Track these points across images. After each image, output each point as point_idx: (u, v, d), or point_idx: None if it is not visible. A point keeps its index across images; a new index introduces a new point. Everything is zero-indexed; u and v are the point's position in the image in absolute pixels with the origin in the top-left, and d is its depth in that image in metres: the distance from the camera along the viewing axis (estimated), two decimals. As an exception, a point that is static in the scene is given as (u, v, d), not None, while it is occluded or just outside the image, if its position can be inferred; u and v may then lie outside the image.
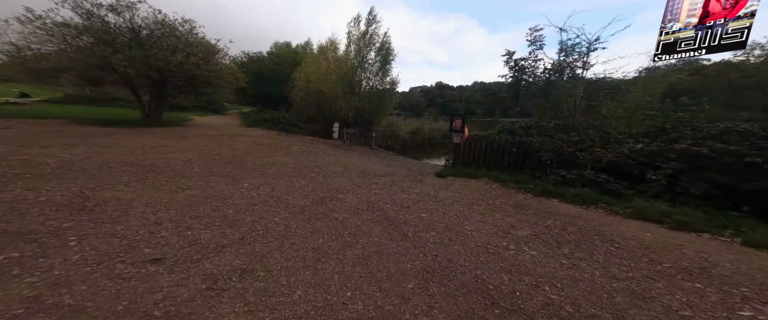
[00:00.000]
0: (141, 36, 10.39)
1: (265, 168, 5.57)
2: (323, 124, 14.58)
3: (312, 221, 3.03)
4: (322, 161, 7.20)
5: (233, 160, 6.07)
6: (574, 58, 5.26)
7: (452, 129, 6.00)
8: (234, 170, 5.23)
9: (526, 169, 5.02)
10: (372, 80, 14.68)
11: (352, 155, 9.75)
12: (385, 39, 14.57)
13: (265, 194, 3.94)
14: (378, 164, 7.99)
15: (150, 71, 9.39)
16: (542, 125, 5.11)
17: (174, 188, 3.80)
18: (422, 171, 7.74)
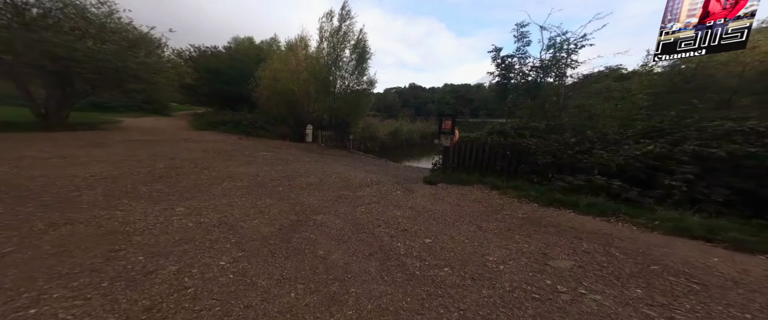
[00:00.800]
0: (27, 15, 8.23)
1: (215, 184, 4.44)
2: (294, 126, 13.38)
3: (279, 262, 2.20)
4: (293, 170, 6.25)
5: (167, 174, 4.77)
6: (563, 56, 5.12)
7: (441, 131, 5.51)
8: (166, 188, 3.99)
9: (520, 174, 4.68)
10: (347, 79, 13.88)
11: (328, 160, 8.87)
12: (360, 36, 13.84)
13: (211, 222, 2.93)
14: (359, 171, 7.26)
15: (42, 59, 7.42)
16: (534, 126, 4.86)
17: (43, 225, 2.53)
18: (408, 177, 7.17)
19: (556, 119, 4.99)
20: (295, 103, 13.27)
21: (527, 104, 5.62)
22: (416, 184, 5.63)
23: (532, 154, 4.36)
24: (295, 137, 12.98)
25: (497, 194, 4.22)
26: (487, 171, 5.28)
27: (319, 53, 13.78)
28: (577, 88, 5.73)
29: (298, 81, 12.86)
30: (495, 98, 6.75)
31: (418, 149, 16.20)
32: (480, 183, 4.97)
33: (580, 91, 5.40)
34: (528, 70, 5.71)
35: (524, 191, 3.98)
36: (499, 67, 6.26)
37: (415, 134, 16.82)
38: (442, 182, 5.45)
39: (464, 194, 4.44)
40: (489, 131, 5.55)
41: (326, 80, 13.01)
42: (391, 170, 8.28)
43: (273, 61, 13.86)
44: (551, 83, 5.48)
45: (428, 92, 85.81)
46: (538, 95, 5.43)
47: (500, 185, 4.46)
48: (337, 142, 13.00)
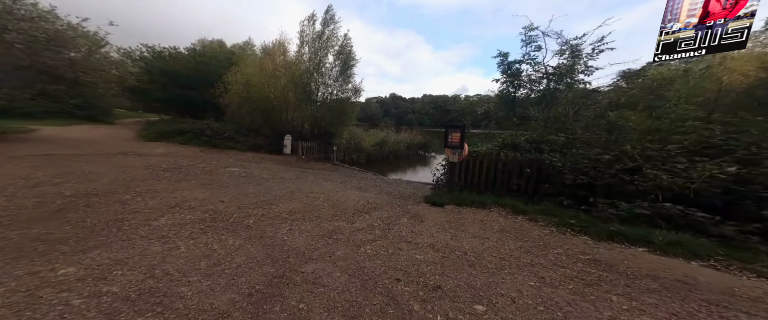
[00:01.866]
0: None
1: (150, 219, 3.17)
2: (271, 137, 12.05)
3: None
4: (269, 191, 5.11)
5: (71, 207, 3.32)
6: (579, 62, 4.75)
7: (448, 144, 4.80)
8: (58, 232, 2.67)
9: (542, 194, 4.06)
10: (331, 86, 12.91)
11: (312, 176, 7.77)
12: (345, 42, 13.05)
13: (122, 293, 1.82)
14: (349, 189, 6.29)
15: None
16: (552, 140, 4.34)
17: None
18: (406, 195, 6.35)
19: (572, 131, 4.51)
20: (271, 111, 12.01)
21: (539, 114, 5.15)
22: (419, 205, 4.81)
23: (558, 172, 3.77)
24: (271, 149, 11.63)
25: (526, 221, 3.52)
26: (502, 191, 4.62)
27: (300, 58, 12.77)
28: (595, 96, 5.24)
29: (276, 87, 11.69)
30: (502, 108, 6.26)
31: (405, 161, 15.53)
32: (497, 205, 4.28)
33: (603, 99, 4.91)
34: (538, 77, 5.30)
35: (558, 218, 3.33)
36: (505, 75, 5.82)
37: (401, 144, 16.17)
38: (450, 204, 4.69)
39: (484, 221, 3.68)
40: (500, 144, 4.94)
41: (307, 86, 11.97)
42: (384, 187, 7.40)
43: (246, 65, 12.51)
44: (567, 90, 5.01)
45: (408, 103, 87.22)
46: (553, 105, 4.99)
47: (523, 209, 3.78)
48: (320, 153, 11.89)
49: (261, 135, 11.99)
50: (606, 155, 3.51)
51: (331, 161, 11.47)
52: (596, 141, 3.89)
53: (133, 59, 16.58)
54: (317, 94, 12.50)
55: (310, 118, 12.32)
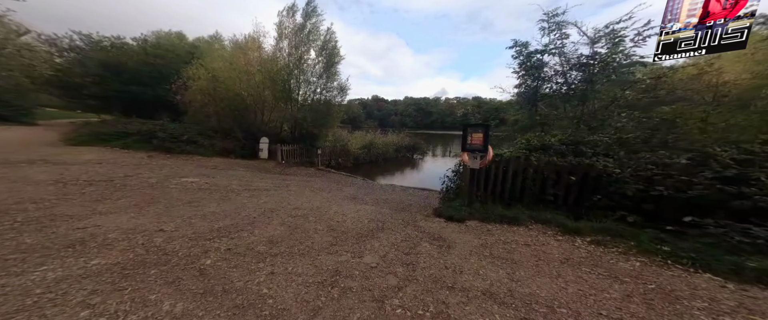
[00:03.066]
0: None
1: (19, 269, 1.96)
2: (244, 140, 10.52)
3: None
4: (239, 210, 3.87)
5: None
6: (623, 49, 4.13)
7: (468, 147, 3.96)
8: None
9: (589, 207, 3.33)
10: (314, 84, 11.68)
11: (295, 184, 6.54)
12: (328, 36, 11.90)
13: None
14: (343, 200, 5.23)
15: None
16: (594, 141, 3.66)
17: None
18: (410, 205, 5.43)
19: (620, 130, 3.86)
20: (244, 110, 10.50)
21: (570, 112, 4.49)
22: (433, 221, 3.92)
23: (615, 181, 3.05)
24: (244, 153, 10.09)
25: (591, 246, 2.70)
26: (532, 202, 3.86)
27: (279, 53, 11.38)
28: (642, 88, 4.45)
29: (250, 84, 10.21)
30: (522, 105, 5.55)
31: (393, 164, 14.65)
32: (534, 221, 3.49)
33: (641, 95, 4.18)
34: (568, 70, 4.65)
35: (636, 242, 2.54)
36: (522, 67, 5.12)
37: (390, 147, 15.27)
38: (473, 220, 3.83)
39: (533, 245, 2.85)
40: (525, 146, 4.19)
41: (287, 83, 10.63)
42: (380, 195, 6.41)
43: (213, 60, 10.77)
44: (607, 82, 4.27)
45: (391, 104, 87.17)
46: (587, 100, 4.34)
47: (576, 228, 3.02)
48: (302, 158, 10.59)
49: (231, 138, 10.40)
50: (680, 159, 2.84)
51: (315, 165, 10.23)
52: (649, 142, 3.26)
53: (61, 49, 13.98)
54: (298, 92, 11.20)
55: (290, 119, 10.97)
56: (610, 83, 4.30)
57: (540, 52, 4.93)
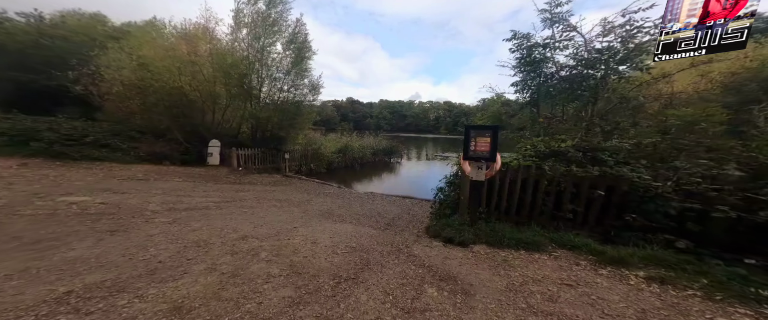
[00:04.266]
0: None
1: None
2: (188, 142, 8.75)
3: None
4: (145, 242, 2.60)
5: None
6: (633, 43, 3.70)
7: (470, 154, 3.23)
8: None
9: (618, 228, 2.79)
10: (281, 80, 10.25)
11: (252, 197, 5.25)
12: (298, 28, 10.58)
13: None
14: (314, 218, 4.19)
15: None
16: (616, 147, 3.15)
17: None
18: (396, 220, 4.59)
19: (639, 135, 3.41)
20: (187, 108, 8.68)
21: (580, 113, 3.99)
22: (431, 247, 3.12)
23: (653, 197, 2.50)
24: (185, 159, 8.23)
25: (654, 286, 1.97)
26: (546, 220, 3.24)
27: (237, 45, 9.74)
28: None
29: (196, 78, 8.43)
30: (524, 105, 5.01)
31: (371, 168, 13.73)
32: (557, 246, 2.83)
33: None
34: (574, 65, 4.17)
35: (709, 279, 1.91)
36: (522, 62, 4.57)
37: (367, 150, 14.33)
38: (480, 243, 3.10)
39: (576, 284, 2.14)
40: (533, 153, 3.58)
41: (246, 78, 9.00)
42: (359, 207, 5.46)
43: (142, 46, 8.51)
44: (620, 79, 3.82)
45: (366, 107, 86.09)
46: (598, 99, 3.87)
47: (616, 257, 2.39)
48: (266, 163, 9.17)
49: (166, 140, 8.45)
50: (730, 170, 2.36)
51: (281, 172, 8.89)
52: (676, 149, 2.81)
53: None
54: (260, 89, 9.68)
55: (251, 119, 9.42)
56: (621, 80, 3.89)
57: (542, 45, 4.46)
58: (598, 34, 3.98)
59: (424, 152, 25.25)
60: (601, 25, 3.96)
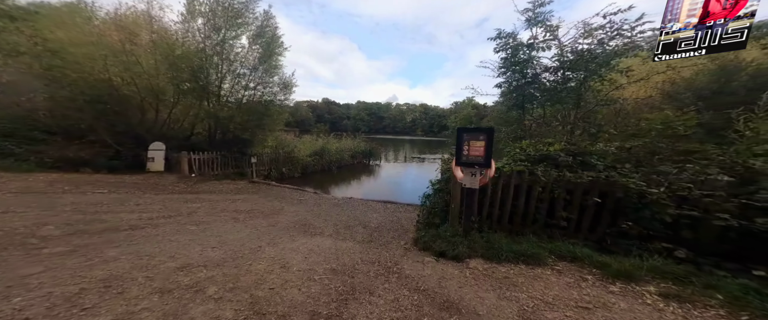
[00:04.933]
0: None
1: None
2: (119, 145, 7.40)
3: None
4: (11, 288, 1.70)
5: None
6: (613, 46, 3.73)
7: (463, 160, 2.98)
8: None
9: (613, 236, 2.71)
10: (247, 77, 9.26)
11: (206, 208, 4.38)
12: (266, 20, 9.67)
13: None
14: (286, 233, 3.64)
15: None
16: (603, 151, 3.11)
17: None
18: (378, 228, 4.24)
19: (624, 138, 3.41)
20: (119, 104, 7.25)
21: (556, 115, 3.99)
22: (423, 263, 2.80)
23: (647, 205, 2.44)
24: (114, 165, 6.87)
25: (674, 306, 1.78)
26: (539, 229, 3.10)
27: (191, 35, 8.35)
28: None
29: (129, 69, 7.10)
30: (511, 108, 4.89)
31: (349, 171, 13.20)
32: (554, 256, 2.66)
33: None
34: (557, 67, 4.12)
35: (724, 295, 1.78)
36: (507, 63, 4.46)
37: (345, 153, 13.76)
38: (475, 257, 2.84)
39: (592, 306, 1.92)
40: (524, 157, 3.44)
41: (202, 73, 7.84)
42: (340, 214, 4.99)
43: (55, 29, 6.83)
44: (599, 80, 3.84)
45: (343, 108, 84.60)
46: (581, 101, 3.86)
47: (622, 270, 2.24)
48: (227, 168, 8.21)
49: (86, 142, 7.02)
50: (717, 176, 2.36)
51: (247, 177, 8.02)
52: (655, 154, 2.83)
53: None
54: (220, 85, 8.57)
55: (208, 118, 8.33)
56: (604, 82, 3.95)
57: (527, 45, 4.41)
58: (579, 35, 4.02)
59: (403, 153, 25.26)
60: (583, 27, 4.01)
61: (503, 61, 4.66)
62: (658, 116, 3.36)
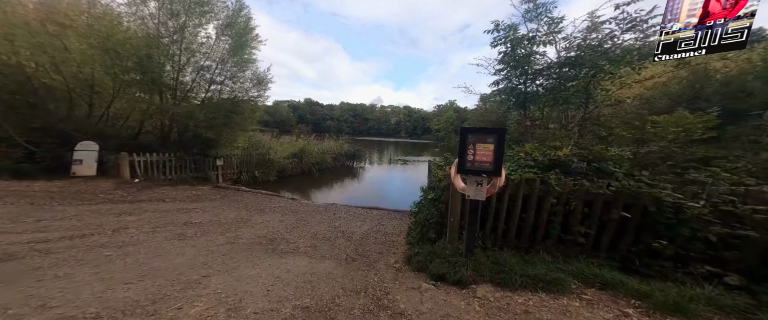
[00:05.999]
0: None
1: None
2: (35, 145, 5.91)
3: None
4: None
5: None
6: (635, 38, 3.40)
7: (468, 168, 2.48)
8: None
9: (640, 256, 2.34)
10: (213, 71, 8.17)
11: (147, 219, 3.39)
12: (238, 8, 8.66)
13: None
14: (247, 253, 2.88)
15: None
16: (620, 156, 2.76)
17: None
18: (362, 241, 3.63)
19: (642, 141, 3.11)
20: (35, 95, 5.92)
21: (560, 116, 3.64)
22: (420, 291, 2.28)
23: (684, 221, 2.07)
24: (23, 169, 5.49)
25: None
26: (551, 246, 2.68)
27: (141, 21, 7.10)
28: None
29: (47, 53, 5.78)
30: (511, 108, 4.49)
31: (331, 174, 12.42)
32: (578, 281, 2.21)
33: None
34: (560, 63, 3.73)
35: None
36: (506, 58, 4.05)
37: (327, 155, 12.95)
38: (482, 283, 2.33)
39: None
40: (529, 163, 3.02)
41: (152, 63, 6.53)
42: (318, 224, 4.31)
43: None
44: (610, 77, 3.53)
45: (326, 109, 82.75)
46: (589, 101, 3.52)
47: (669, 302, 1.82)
48: (185, 172, 7.11)
49: None
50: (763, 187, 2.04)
51: (212, 182, 7.02)
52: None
53: None
54: (178, 78, 7.34)
55: (161, 115, 7.12)
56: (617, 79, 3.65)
57: (529, 38, 4.00)
58: (585, 29, 3.70)
59: (388, 155, 24.83)
60: (590, 19, 3.70)
61: (502, 57, 4.27)
62: (670, 117, 3.11)
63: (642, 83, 4.62)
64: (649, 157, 2.95)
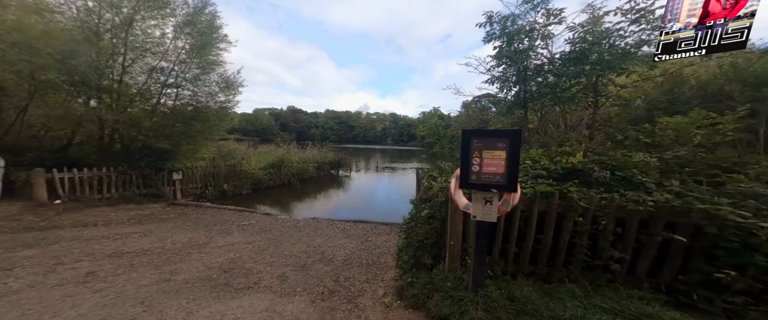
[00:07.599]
0: None
1: None
2: None
3: None
4: None
5: None
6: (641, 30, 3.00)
7: (476, 181, 1.93)
8: None
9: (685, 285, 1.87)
10: (167, 72, 7.19)
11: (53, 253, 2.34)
12: (201, 7, 7.75)
13: None
14: (176, 297, 2.01)
15: None
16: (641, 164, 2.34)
17: None
18: (343, 266, 2.98)
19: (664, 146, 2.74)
20: None
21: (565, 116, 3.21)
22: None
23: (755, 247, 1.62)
24: None
25: None
26: (576, 273, 2.17)
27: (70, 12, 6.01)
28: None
29: None
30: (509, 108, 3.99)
31: (313, 185, 11.59)
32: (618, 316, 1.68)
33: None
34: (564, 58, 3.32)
35: None
36: (502, 53, 3.65)
37: (309, 164, 12.13)
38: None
39: None
40: (544, 172, 2.54)
41: (83, 60, 5.44)
42: (294, 245, 3.55)
43: None
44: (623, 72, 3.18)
45: (311, 117, 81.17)
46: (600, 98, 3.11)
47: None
48: (132, 188, 6.05)
49: None
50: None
51: (167, 199, 6.03)
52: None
53: None
54: (121, 79, 6.30)
55: (94, 123, 6.00)
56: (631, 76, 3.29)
57: (527, 31, 3.56)
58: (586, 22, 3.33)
59: (374, 163, 24.27)
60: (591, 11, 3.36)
61: (498, 52, 3.85)
62: (687, 118, 2.78)
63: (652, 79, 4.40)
64: (670, 164, 2.57)
